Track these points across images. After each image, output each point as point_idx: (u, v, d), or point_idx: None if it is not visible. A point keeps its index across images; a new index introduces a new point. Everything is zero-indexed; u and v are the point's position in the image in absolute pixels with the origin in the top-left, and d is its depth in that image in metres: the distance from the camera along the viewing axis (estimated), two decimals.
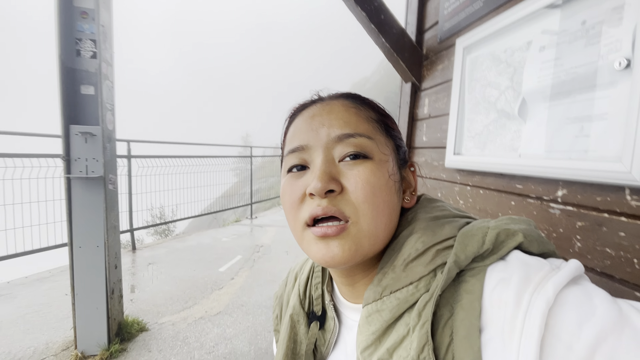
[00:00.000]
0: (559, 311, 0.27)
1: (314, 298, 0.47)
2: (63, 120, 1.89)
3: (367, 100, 0.44)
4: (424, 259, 0.34)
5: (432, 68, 1.39)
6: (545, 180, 0.79)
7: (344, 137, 0.37)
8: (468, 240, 0.33)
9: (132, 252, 4.22)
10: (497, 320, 0.28)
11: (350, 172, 0.36)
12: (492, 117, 0.97)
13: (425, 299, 0.32)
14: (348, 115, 0.39)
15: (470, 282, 0.31)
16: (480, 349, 0.28)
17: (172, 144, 5.44)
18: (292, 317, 0.47)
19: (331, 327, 0.44)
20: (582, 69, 0.68)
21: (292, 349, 0.45)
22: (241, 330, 2.40)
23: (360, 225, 0.35)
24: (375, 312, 0.35)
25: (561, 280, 0.28)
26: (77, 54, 1.91)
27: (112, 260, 2.09)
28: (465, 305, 0.30)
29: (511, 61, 0.90)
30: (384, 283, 0.36)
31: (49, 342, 2.20)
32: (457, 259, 0.32)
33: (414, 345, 0.31)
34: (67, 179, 1.94)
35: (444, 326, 0.31)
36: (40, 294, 2.94)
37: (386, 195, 0.37)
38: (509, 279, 0.29)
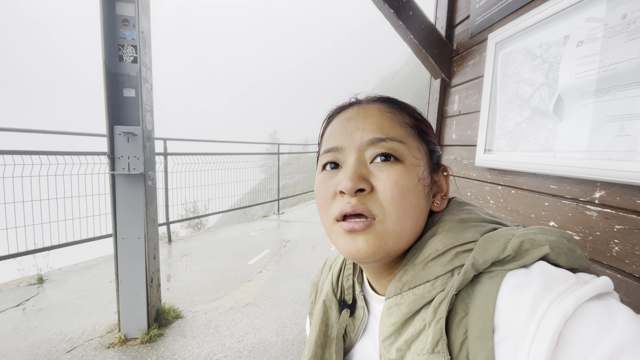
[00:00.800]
0: (576, 322, 0.27)
1: (345, 288, 0.50)
2: (108, 121, 2.04)
3: (403, 105, 0.45)
4: (443, 259, 0.36)
5: (463, 64, 1.36)
6: (581, 181, 0.76)
7: (377, 140, 0.39)
8: (489, 245, 0.33)
9: (168, 244, 4.46)
10: (509, 323, 0.29)
11: (380, 173, 0.38)
12: (526, 114, 0.94)
13: (441, 297, 0.34)
14: (382, 120, 0.41)
15: (486, 284, 0.32)
16: (494, 349, 0.29)
17: (204, 142, 5.66)
18: (325, 302, 0.50)
19: (360, 316, 0.47)
20: (622, 65, 0.65)
21: (325, 331, 0.48)
22: (269, 322, 2.48)
23: (386, 224, 0.37)
24: (395, 306, 0.37)
25: (584, 294, 0.27)
26: (120, 59, 2.05)
27: (151, 251, 2.23)
28: (480, 305, 0.31)
29: (547, 57, 0.87)
30: (404, 279, 0.38)
31: (96, 324, 2.40)
32: (474, 262, 0.33)
33: (429, 339, 0.33)
34: (112, 175, 2.09)
35: (459, 324, 0.32)
36: (88, 280, 3.20)
37: (413, 198, 0.38)
38: (527, 285, 0.30)
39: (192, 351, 2.11)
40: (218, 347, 2.17)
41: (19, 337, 2.20)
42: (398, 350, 0.36)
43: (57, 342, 2.17)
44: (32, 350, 2.08)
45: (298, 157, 10.86)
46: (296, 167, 11.35)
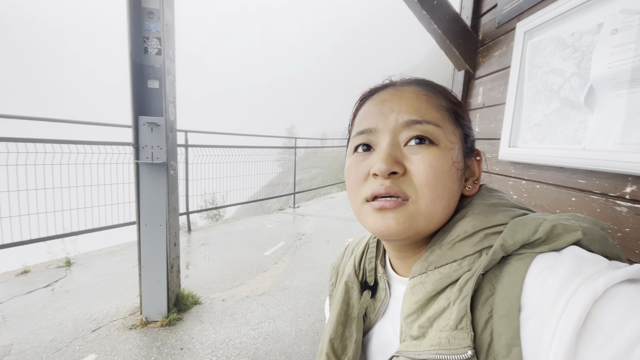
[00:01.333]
0: (605, 303, 0.26)
1: (368, 270, 0.51)
2: (133, 112, 2.11)
3: (439, 87, 0.44)
4: (471, 240, 0.36)
5: (488, 55, 1.32)
6: (612, 175, 0.73)
7: (412, 122, 0.39)
8: (519, 228, 0.33)
9: (188, 233, 4.59)
10: (537, 302, 0.29)
11: (415, 156, 0.38)
12: (554, 106, 0.91)
13: (467, 276, 0.34)
14: (418, 102, 0.40)
15: (515, 265, 0.32)
16: (519, 327, 0.29)
17: (223, 135, 5.75)
18: (347, 283, 0.51)
19: (382, 297, 0.47)
20: None
21: (346, 310, 0.49)
22: (283, 312, 2.53)
23: (419, 205, 0.37)
24: (420, 284, 0.38)
25: (616, 277, 0.27)
26: (145, 51, 2.11)
27: (172, 239, 2.31)
28: (507, 285, 0.31)
29: (578, 45, 0.83)
30: (430, 259, 0.38)
31: (119, 307, 2.51)
32: (504, 243, 0.32)
33: (453, 316, 0.33)
34: (136, 164, 2.17)
35: (484, 303, 0.32)
36: (112, 264, 3.34)
37: (447, 181, 0.38)
38: (557, 267, 0.29)
39: (209, 336, 2.18)
40: (234, 333, 2.23)
41: (48, 316, 2.34)
42: (420, 327, 0.36)
43: (83, 321, 2.29)
44: (59, 328, 2.20)
45: (314, 152, 10.89)
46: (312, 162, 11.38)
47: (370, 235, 0.54)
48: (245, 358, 1.98)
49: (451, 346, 0.32)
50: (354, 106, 0.47)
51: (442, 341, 0.33)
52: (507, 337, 0.30)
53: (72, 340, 2.08)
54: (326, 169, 14.75)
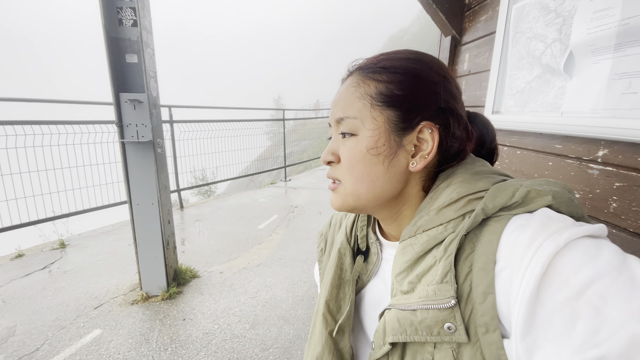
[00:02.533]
0: (565, 253, 0.30)
1: (359, 237, 0.55)
2: (113, 89, 2.04)
3: (377, 67, 0.44)
4: (456, 205, 0.39)
5: (475, 19, 1.30)
6: (586, 140, 0.76)
7: (339, 120, 0.46)
8: (498, 193, 0.37)
9: (181, 210, 4.61)
10: (509, 256, 0.33)
11: (341, 148, 0.47)
12: (536, 72, 0.92)
13: (451, 237, 0.38)
14: (345, 97, 0.46)
15: (493, 225, 0.36)
16: (494, 278, 0.34)
17: (209, 109, 5.61)
18: (339, 250, 0.55)
19: (373, 260, 0.52)
20: (635, 20, 0.62)
21: (339, 274, 0.54)
22: (280, 280, 2.63)
23: (345, 187, 0.47)
24: (409, 246, 0.42)
25: (577, 232, 0.31)
26: (120, 22, 2.00)
27: (165, 216, 2.33)
28: (485, 243, 0.36)
29: (561, 10, 0.83)
30: (418, 224, 0.42)
31: (119, 284, 2.57)
32: (485, 207, 0.36)
33: (438, 272, 0.37)
34: (122, 143, 2.13)
35: (465, 259, 0.37)
36: (107, 244, 3.37)
37: (364, 167, 0.44)
38: (528, 225, 0.33)
39: (210, 306, 2.28)
40: (233, 302, 2.33)
41: (48, 297, 2.39)
42: (410, 283, 0.41)
43: (85, 299, 2.35)
44: (61, 307, 2.26)
45: (304, 123, 10.74)
46: (302, 134, 11.25)
47: None
48: (246, 324, 2.09)
49: (437, 297, 0.36)
50: None
51: (429, 293, 0.37)
52: (484, 286, 0.34)
53: (76, 317, 2.15)
54: (316, 141, 14.64)
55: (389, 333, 0.41)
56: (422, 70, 0.44)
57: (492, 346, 0.33)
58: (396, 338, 0.40)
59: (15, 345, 1.89)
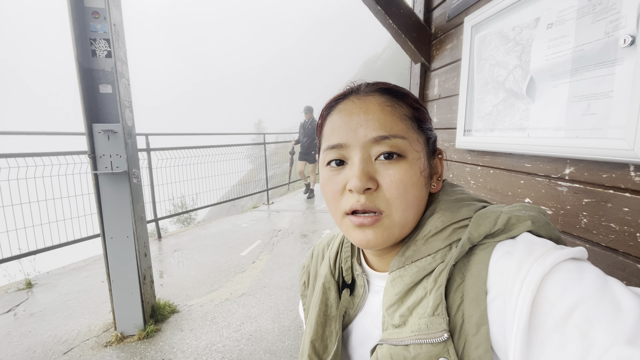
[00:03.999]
0: (551, 278, 0.31)
1: (344, 269, 0.53)
2: (86, 120, 1.99)
3: (401, 93, 0.45)
4: (442, 235, 0.40)
5: (441, 47, 1.37)
6: (553, 159, 0.80)
7: (380, 139, 0.41)
8: (482, 221, 0.38)
9: (159, 240, 4.43)
10: (499, 285, 0.34)
11: (386, 171, 0.41)
12: (501, 96, 0.97)
13: (441, 268, 0.38)
14: (384, 116, 0.42)
15: (479, 254, 0.36)
16: (486, 308, 0.34)
17: (188, 135, 5.56)
18: (324, 284, 0.53)
19: (360, 293, 0.50)
20: (588, 46, 0.68)
21: (324, 311, 0.51)
22: (264, 310, 2.53)
23: (393, 217, 0.41)
24: (399, 277, 0.41)
25: (560, 256, 0.32)
26: (93, 54, 1.98)
27: (142, 249, 2.23)
28: (474, 273, 0.36)
29: (519, 39, 0.89)
30: (407, 254, 0.42)
31: (91, 325, 2.39)
32: (470, 236, 0.37)
33: (430, 304, 0.37)
34: (95, 175, 2.05)
35: (456, 290, 0.36)
36: (78, 282, 3.16)
37: (417, 191, 0.41)
38: (513, 252, 0.34)
39: (191, 343, 2.15)
40: (216, 337, 2.21)
41: (13, 343, 2.18)
42: (401, 316, 0.40)
43: (53, 344, 2.17)
44: (28, 354, 2.07)
45: (285, 145, 10.80)
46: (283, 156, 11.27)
47: (341, 236, 0.57)
48: None
49: (430, 331, 0.36)
50: (320, 115, 0.48)
51: (421, 327, 0.37)
52: (477, 318, 0.34)
53: None
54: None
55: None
56: (424, 106, 0.47)
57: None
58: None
59: None
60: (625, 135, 0.60)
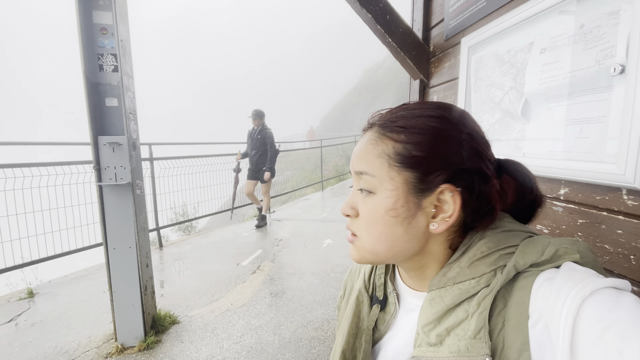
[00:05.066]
0: (590, 301, 0.32)
1: (377, 285, 0.54)
2: (92, 132, 2.03)
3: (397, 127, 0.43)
4: (488, 260, 0.41)
5: (440, 65, 1.41)
6: (548, 179, 0.82)
7: (357, 173, 0.46)
8: (529, 250, 0.39)
9: (160, 249, 4.44)
10: (540, 309, 0.35)
11: (359, 203, 0.47)
12: (498, 116, 1.00)
13: (485, 292, 0.39)
14: (364, 153, 0.45)
15: (523, 282, 0.38)
16: (528, 334, 0.35)
17: (190, 145, 5.61)
18: (357, 297, 0.55)
19: (391, 311, 0.52)
20: (580, 72, 0.70)
21: (357, 323, 0.53)
22: (265, 321, 2.53)
23: (363, 243, 0.46)
24: (438, 297, 0.42)
25: (601, 283, 0.33)
26: (100, 68, 2.03)
27: (144, 260, 2.24)
28: (517, 299, 0.37)
29: (514, 62, 0.92)
30: (449, 275, 0.43)
31: (91, 335, 2.39)
32: (516, 264, 0.38)
33: (471, 327, 0.38)
34: (99, 186, 2.08)
35: (497, 315, 0.38)
36: (79, 291, 3.17)
37: (383, 227, 0.44)
38: (555, 278, 0.36)
39: (191, 355, 2.14)
40: (216, 349, 2.20)
41: (14, 353, 2.19)
42: (438, 336, 0.40)
43: (54, 355, 2.17)
44: None
45: (286, 154, 10.84)
46: (284, 164, 11.31)
47: None
48: None
49: (470, 353, 0.37)
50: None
51: (461, 349, 0.38)
52: (519, 343, 0.35)
53: None
54: (299, 171, 14.74)
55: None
56: (444, 129, 0.41)
57: None
58: None
59: None
60: (616, 160, 0.62)
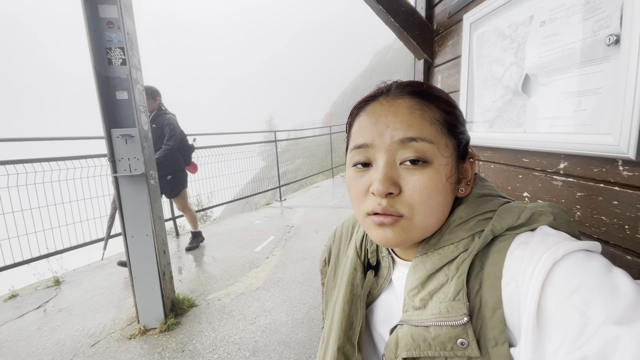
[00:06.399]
0: (560, 264, 0.33)
1: (369, 252, 0.55)
2: (105, 125, 2.09)
3: (433, 95, 0.44)
4: (466, 225, 0.43)
5: (443, 44, 1.39)
6: (548, 154, 0.82)
7: (406, 140, 0.41)
8: (506, 215, 0.41)
9: (177, 238, 4.59)
10: (512, 271, 0.37)
11: (410, 177, 0.41)
12: (499, 93, 0.99)
13: (464, 256, 0.41)
14: (412, 118, 0.41)
15: (499, 245, 0.40)
16: (501, 293, 0.37)
17: (202, 135, 5.69)
18: (351, 265, 0.56)
19: (384, 275, 0.53)
20: (577, 44, 0.70)
21: (351, 290, 0.54)
22: (278, 304, 2.62)
23: (413, 221, 0.42)
24: (421, 263, 0.45)
25: (572, 247, 0.34)
26: (109, 62, 2.08)
27: (161, 247, 2.34)
28: (492, 261, 0.39)
29: (515, 37, 0.91)
30: (431, 242, 0.45)
31: (115, 319, 2.53)
32: (493, 228, 0.40)
33: (451, 289, 0.40)
34: (115, 177, 2.16)
35: (475, 277, 0.40)
36: (102, 278, 3.33)
37: (441, 197, 0.42)
38: (529, 242, 0.37)
39: (209, 335, 2.25)
40: (233, 330, 2.30)
41: (44, 337, 2.34)
42: (421, 300, 0.43)
43: (81, 337, 2.31)
44: (58, 347, 2.22)
45: (296, 142, 10.87)
46: (295, 152, 11.36)
47: None
48: (246, 352, 2.06)
49: (450, 314, 0.39)
50: (350, 114, 0.50)
51: (442, 310, 0.40)
52: (493, 302, 0.37)
53: (72, 357, 2.10)
54: (310, 158, 14.78)
55: (402, 348, 0.43)
56: (458, 108, 0.47)
57: (500, 358, 0.36)
58: (410, 353, 0.42)
59: None
60: (611, 131, 0.62)
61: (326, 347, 0.55)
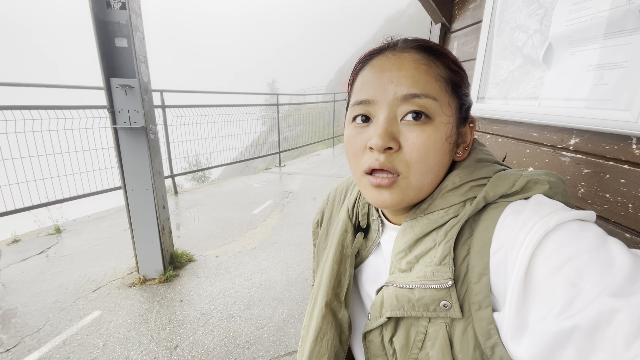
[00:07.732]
0: (553, 234, 0.32)
1: (361, 214, 0.56)
2: (104, 74, 2.03)
3: (439, 52, 0.43)
4: (459, 191, 0.42)
5: (464, 7, 1.31)
6: (560, 129, 0.81)
7: (410, 96, 0.40)
8: (500, 182, 0.39)
9: (175, 196, 4.64)
10: (502, 238, 0.36)
11: (410, 133, 0.40)
12: (518, 63, 0.95)
13: (453, 222, 0.40)
14: (417, 74, 0.40)
15: (491, 212, 0.39)
16: (489, 260, 0.37)
17: (202, 93, 5.55)
18: (342, 227, 0.57)
19: (373, 237, 0.53)
20: (609, 12, 0.65)
21: (341, 250, 0.55)
22: (274, 263, 2.70)
23: (409, 180, 0.41)
24: (409, 227, 0.44)
25: (566, 216, 0.33)
26: (108, 5, 1.96)
27: (160, 202, 2.36)
28: (482, 228, 0.38)
29: (543, 1, 0.85)
30: (422, 207, 0.44)
31: (116, 268, 2.62)
32: (486, 195, 0.39)
33: (437, 254, 0.40)
34: (114, 129, 2.13)
35: (463, 244, 0.40)
36: (103, 229, 3.40)
37: (438, 156, 0.41)
38: (522, 210, 0.36)
39: (206, 288, 2.35)
40: (229, 284, 2.40)
41: (47, 280, 2.43)
42: (408, 263, 0.43)
43: (83, 282, 2.40)
44: (60, 290, 2.31)
45: (298, 108, 10.65)
46: (296, 118, 11.17)
47: None
48: (241, 305, 2.16)
49: (435, 278, 0.39)
50: (353, 69, 0.47)
51: (427, 274, 0.40)
52: (479, 268, 0.37)
53: (75, 300, 2.20)
54: (311, 126, 14.58)
55: (386, 308, 0.44)
56: (464, 70, 0.46)
57: (483, 321, 0.37)
58: (394, 313, 0.43)
59: (17, 326, 1.95)
60: (630, 107, 0.60)
61: (315, 302, 0.57)
